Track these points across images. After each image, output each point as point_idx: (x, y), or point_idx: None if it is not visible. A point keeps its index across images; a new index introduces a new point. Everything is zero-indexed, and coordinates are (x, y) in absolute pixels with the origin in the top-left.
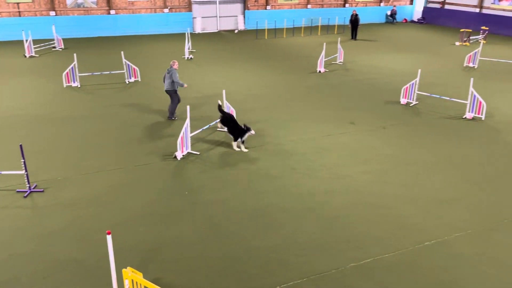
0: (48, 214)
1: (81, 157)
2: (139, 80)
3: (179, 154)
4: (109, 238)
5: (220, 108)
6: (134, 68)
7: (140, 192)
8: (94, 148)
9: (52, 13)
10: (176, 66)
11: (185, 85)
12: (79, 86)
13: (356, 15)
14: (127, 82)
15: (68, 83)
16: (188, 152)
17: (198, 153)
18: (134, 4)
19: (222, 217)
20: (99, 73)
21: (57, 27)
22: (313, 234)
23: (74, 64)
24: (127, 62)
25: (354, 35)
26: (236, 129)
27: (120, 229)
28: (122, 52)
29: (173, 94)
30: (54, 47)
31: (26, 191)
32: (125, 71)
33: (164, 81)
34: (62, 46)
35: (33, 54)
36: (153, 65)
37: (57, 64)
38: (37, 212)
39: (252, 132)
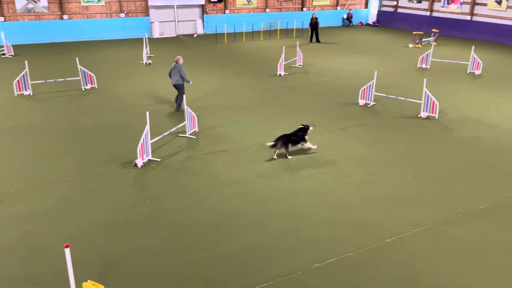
0: (0, 229)
1: (35, 169)
2: (96, 87)
3: (139, 162)
4: (67, 251)
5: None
6: (90, 75)
7: (99, 202)
8: (49, 159)
9: (1, 18)
10: (181, 61)
11: (191, 82)
12: (31, 94)
13: (316, 18)
14: (83, 89)
15: (20, 91)
16: (148, 159)
17: (159, 160)
18: (88, 9)
19: (185, 225)
20: (53, 80)
21: (6, 33)
22: (277, 237)
23: (26, 72)
24: (83, 68)
25: (316, 38)
26: (300, 137)
27: (78, 241)
28: (77, 58)
29: (181, 87)
30: (4, 54)
31: None
32: (80, 77)
33: (170, 77)
34: (12, 53)
35: None
36: (110, 71)
37: (7, 72)
38: None
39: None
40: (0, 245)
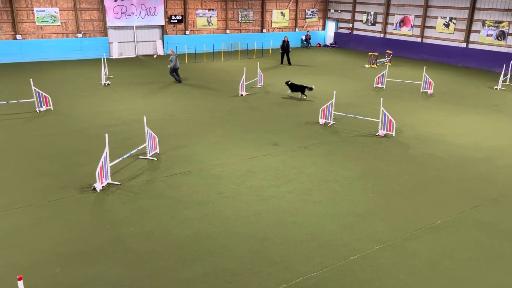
0: None
1: None
2: (52, 109)
3: (98, 186)
4: (20, 284)
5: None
6: (45, 96)
7: (55, 229)
8: (0, 185)
9: None
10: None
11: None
12: None
13: (288, 41)
14: (38, 111)
15: None
16: (108, 183)
17: (119, 183)
18: (43, 29)
19: (147, 250)
20: (4, 102)
21: None
22: (242, 259)
23: None
24: (37, 89)
25: (288, 61)
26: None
27: (32, 273)
28: (31, 79)
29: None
30: None
31: None
32: (35, 99)
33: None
34: None
35: None
36: (67, 92)
37: None
38: None
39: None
40: None
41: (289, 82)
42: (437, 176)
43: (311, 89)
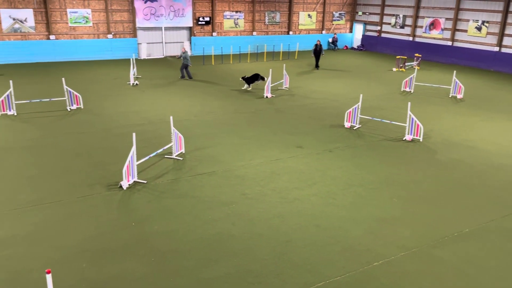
0: None
1: (16, 191)
2: (82, 107)
3: (124, 184)
4: (48, 277)
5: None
6: (76, 95)
7: (82, 225)
8: (31, 181)
9: None
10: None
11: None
12: (15, 114)
13: (321, 45)
14: (69, 110)
15: (4, 111)
16: (134, 181)
17: (145, 181)
18: (75, 29)
19: (171, 248)
20: (38, 100)
21: None
22: (265, 260)
23: (10, 91)
24: (68, 88)
25: (316, 64)
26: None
27: (60, 267)
28: (63, 79)
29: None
30: None
31: None
32: (66, 98)
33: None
34: None
35: None
36: (96, 92)
37: None
38: None
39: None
40: None
41: (245, 77)
42: (465, 183)
43: (263, 78)
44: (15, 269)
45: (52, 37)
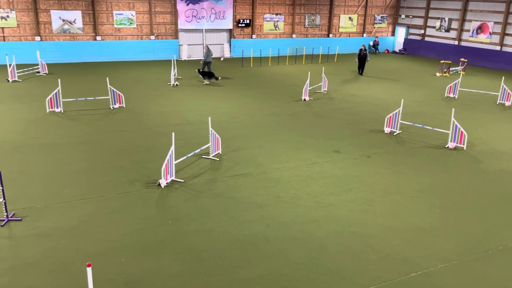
0: (25, 244)
1: (61, 185)
2: (124, 106)
3: (163, 182)
4: (89, 270)
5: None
6: (119, 94)
7: (122, 221)
8: (76, 176)
9: (37, 38)
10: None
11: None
12: (62, 111)
13: (365, 50)
14: (112, 108)
15: (52, 108)
16: (172, 180)
17: (182, 181)
18: (120, 30)
19: (206, 248)
20: (83, 98)
21: (41, 52)
22: (298, 265)
23: (58, 90)
24: (112, 88)
25: (361, 71)
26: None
27: (99, 260)
28: (107, 78)
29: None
30: (38, 72)
31: (3, 220)
32: (109, 97)
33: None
34: (46, 71)
35: (16, 79)
36: (138, 91)
37: (40, 89)
38: (14, 242)
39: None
40: (25, 260)
41: (200, 70)
42: (510, 194)
43: (217, 78)
44: (58, 260)
45: (98, 38)
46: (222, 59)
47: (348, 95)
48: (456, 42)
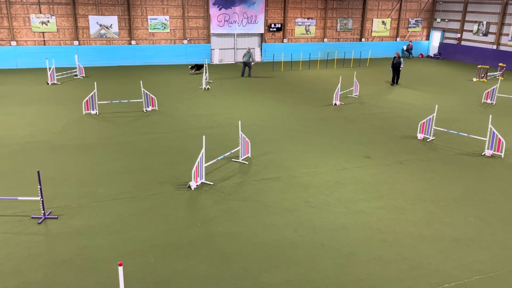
0: (60, 241)
1: (96, 185)
2: (156, 109)
3: (193, 184)
4: (120, 269)
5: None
6: (152, 97)
7: (152, 222)
8: (109, 176)
9: (76, 42)
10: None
11: (255, 61)
12: (97, 113)
13: (399, 57)
14: (145, 111)
15: (88, 110)
16: (202, 182)
17: (212, 183)
18: (154, 35)
19: (234, 250)
20: (117, 101)
21: (79, 56)
22: (326, 272)
23: (94, 92)
24: (145, 91)
25: (396, 79)
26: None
27: (130, 259)
28: (141, 81)
29: (250, 64)
30: (76, 75)
31: (41, 218)
32: (143, 100)
33: (243, 58)
34: (84, 75)
35: (55, 82)
36: (170, 95)
37: (77, 92)
38: (50, 239)
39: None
40: (60, 256)
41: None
42: None
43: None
44: (91, 258)
45: (133, 42)
46: (253, 63)
47: (380, 100)
48: (494, 47)
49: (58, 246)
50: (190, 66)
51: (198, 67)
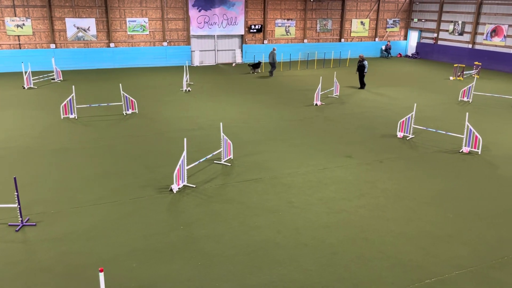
0: (39, 249)
1: (75, 190)
2: (137, 112)
3: (175, 187)
4: (101, 275)
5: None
6: (131, 100)
7: (134, 226)
8: (89, 181)
9: (52, 45)
10: (275, 50)
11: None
12: (76, 117)
13: (363, 60)
14: (125, 114)
15: (66, 114)
16: (184, 185)
17: (194, 186)
18: (133, 37)
19: (217, 253)
20: (96, 105)
21: (56, 59)
22: (309, 271)
23: (72, 96)
24: (125, 94)
25: (361, 84)
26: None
27: (112, 265)
28: (120, 84)
29: (274, 64)
30: (53, 79)
31: (18, 225)
32: (122, 103)
33: (268, 58)
34: (61, 78)
35: (32, 86)
36: (151, 97)
37: (55, 96)
38: (28, 246)
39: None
40: (39, 264)
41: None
42: None
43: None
44: (71, 264)
45: (111, 44)
46: (234, 64)
47: (360, 99)
48: (470, 46)
49: (37, 253)
50: (248, 64)
51: (255, 66)
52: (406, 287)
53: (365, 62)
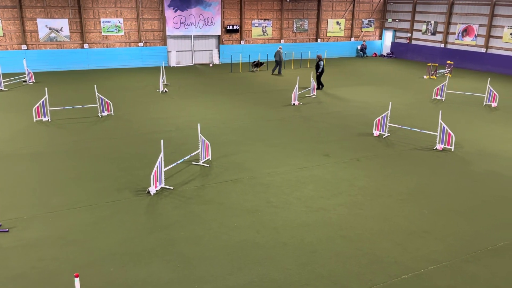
0: (12, 255)
1: (49, 195)
2: (112, 114)
3: (152, 190)
4: (77, 281)
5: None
6: (107, 102)
7: (111, 230)
8: (64, 185)
9: (24, 47)
10: (281, 49)
11: (283, 61)
12: (49, 120)
13: (320, 60)
14: (100, 116)
15: (39, 117)
16: (161, 187)
17: (172, 188)
18: (108, 38)
19: (196, 255)
20: (71, 107)
21: (28, 61)
22: (289, 270)
23: (45, 98)
24: (100, 95)
25: (319, 85)
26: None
27: (88, 270)
28: (95, 86)
29: (280, 62)
30: (25, 81)
31: None
32: (98, 105)
33: (274, 57)
34: (33, 80)
35: (2, 88)
36: (127, 99)
37: (27, 98)
38: (1, 253)
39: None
40: (12, 271)
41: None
42: (500, 195)
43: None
44: (46, 271)
45: (85, 45)
46: (211, 65)
47: (336, 99)
48: (442, 45)
49: (10, 260)
50: (252, 63)
51: (257, 65)
52: (383, 283)
53: (321, 63)
